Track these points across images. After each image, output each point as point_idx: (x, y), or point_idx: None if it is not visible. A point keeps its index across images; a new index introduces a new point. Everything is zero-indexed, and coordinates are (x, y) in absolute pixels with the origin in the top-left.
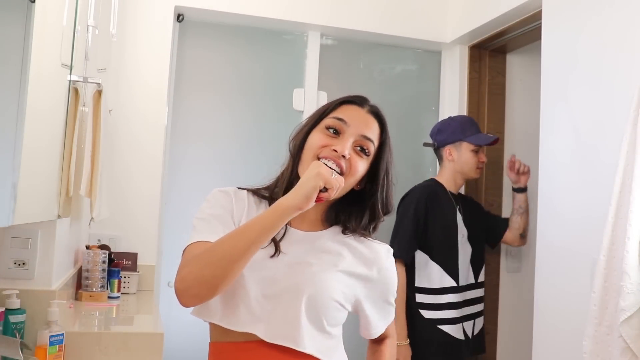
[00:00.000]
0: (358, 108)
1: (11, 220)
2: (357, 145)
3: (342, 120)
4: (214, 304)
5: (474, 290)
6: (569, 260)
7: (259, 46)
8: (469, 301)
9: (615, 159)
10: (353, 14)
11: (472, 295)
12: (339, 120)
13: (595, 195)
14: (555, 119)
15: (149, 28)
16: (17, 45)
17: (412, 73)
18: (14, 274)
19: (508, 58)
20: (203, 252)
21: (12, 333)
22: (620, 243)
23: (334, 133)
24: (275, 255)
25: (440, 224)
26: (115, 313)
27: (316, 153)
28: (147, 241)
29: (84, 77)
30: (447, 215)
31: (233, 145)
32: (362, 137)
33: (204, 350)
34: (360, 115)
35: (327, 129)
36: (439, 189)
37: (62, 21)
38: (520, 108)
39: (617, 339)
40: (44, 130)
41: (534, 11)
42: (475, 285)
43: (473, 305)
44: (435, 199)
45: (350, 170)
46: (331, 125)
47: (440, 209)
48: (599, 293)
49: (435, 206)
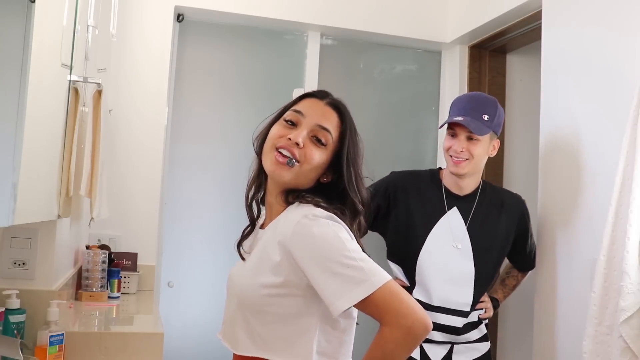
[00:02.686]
0: (317, 100)
1: (11, 220)
2: (313, 135)
3: (299, 112)
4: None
5: (459, 317)
6: (569, 260)
7: (259, 46)
8: (450, 329)
9: (615, 159)
10: (353, 14)
11: (456, 322)
12: (296, 112)
13: (595, 195)
14: (555, 119)
15: (149, 28)
16: (17, 45)
17: (412, 73)
18: (14, 274)
19: (508, 58)
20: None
21: (12, 333)
22: (620, 243)
23: (291, 125)
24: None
25: (407, 222)
26: (115, 313)
27: (274, 143)
28: (147, 241)
29: (84, 77)
30: (427, 214)
31: (233, 145)
32: (317, 127)
33: (204, 350)
34: (317, 106)
35: (285, 122)
36: (431, 182)
37: (62, 21)
38: (521, 108)
39: (617, 339)
40: (44, 130)
41: (534, 11)
42: (463, 312)
43: (455, 333)
44: (411, 191)
45: (305, 158)
46: (288, 118)
47: (419, 204)
48: (599, 293)
49: (407, 198)
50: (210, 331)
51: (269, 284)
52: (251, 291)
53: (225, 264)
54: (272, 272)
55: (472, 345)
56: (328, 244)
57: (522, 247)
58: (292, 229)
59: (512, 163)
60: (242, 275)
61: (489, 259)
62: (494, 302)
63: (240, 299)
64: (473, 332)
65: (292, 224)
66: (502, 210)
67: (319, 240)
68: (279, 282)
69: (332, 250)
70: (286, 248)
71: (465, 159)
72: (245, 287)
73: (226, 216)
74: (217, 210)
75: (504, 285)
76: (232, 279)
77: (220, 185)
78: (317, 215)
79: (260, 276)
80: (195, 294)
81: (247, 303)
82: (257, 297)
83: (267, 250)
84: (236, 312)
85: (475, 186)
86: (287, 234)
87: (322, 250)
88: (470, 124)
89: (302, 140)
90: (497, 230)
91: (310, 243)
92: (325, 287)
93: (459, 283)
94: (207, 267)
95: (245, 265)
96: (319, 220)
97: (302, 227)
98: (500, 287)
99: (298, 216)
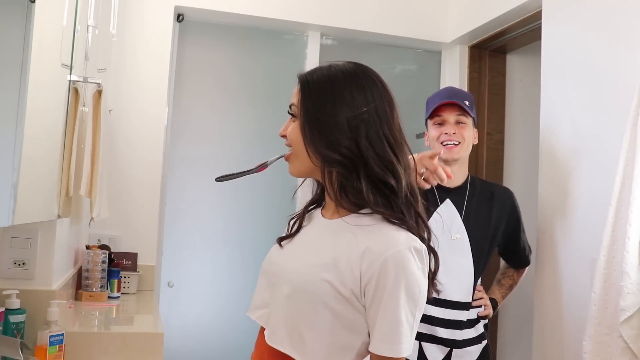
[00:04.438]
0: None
1: (11, 220)
2: (291, 117)
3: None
4: None
5: (462, 310)
6: (569, 260)
7: (259, 46)
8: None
9: (615, 159)
10: (353, 14)
11: (460, 315)
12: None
13: (595, 195)
14: (555, 119)
15: (149, 28)
16: (17, 45)
17: (412, 73)
18: (14, 274)
19: (508, 58)
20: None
21: (12, 333)
22: (620, 243)
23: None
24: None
25: None
26: (115, 313)
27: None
28: (147, 241)
29: (84, 77)
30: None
31: (233, 145)
32: (289, 107)
33: (204, 350)
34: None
35: None
36: None
37: (62, 21)
38: (520, 108)
39: (617, 339)
40: (44, 130)
41: (534, 11)
42: (465, 305)
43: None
44: None
45: (288, 139)
46: None
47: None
48: (599, 293)
49: None
50: (211, 331)
51: (333, 283)
52: (314, 283)
53: (226, 263)
54: (339, 277)
55: (469, 349)
56: (410, 290)
57: (516, 243)
58: (390, 254)
59: (512, 163)
60: (302, 265)
61: (483, 248)
62: (492, 302)
63: (295, 287)
64: (470, 330)
65: (389, 246)
66: (493, 200)
67: (407, 284)
68: (344, 289)
69: (411, 298)
70: (373, 265)
71: (458, 142)
72: (306, 276)
73: (227, 215)
74: (218, 209)
75: (501, 286)
76: (280, 265)
77: (221, 184)
78: (418, 250)
79: (325, 272)
80: (196, 294)
81: (307, 292)
82: (317, 288)
83: (341, 251)
84: (282, 302)
85: (463, 178)
86: (382, 254)
87: (404, 291)
88: (460, 102)
89: (282, 130)
90: (490, 221)
91: (401, 279)
92: (381, 323)
93: (459, 274)
94: (207, 266)
95: (297, 252)
96: (417, 262)
97: (401, 260)
98: (497, 287)
99: (398, 243)
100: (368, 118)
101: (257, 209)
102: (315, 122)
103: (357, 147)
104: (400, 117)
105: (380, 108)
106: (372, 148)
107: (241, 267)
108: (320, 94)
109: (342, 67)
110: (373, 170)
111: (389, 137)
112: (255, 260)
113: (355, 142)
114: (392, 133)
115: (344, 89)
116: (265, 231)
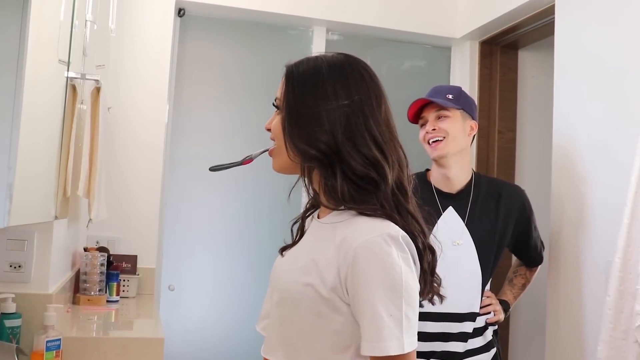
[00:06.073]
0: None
1: (7, 221)
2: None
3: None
4: None
5: (468, 321)
6: (583, 263)
7: (263, 42)
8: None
9: (630, 158)
10: (359, 9)
11: (467, 327)
12: None
13: (610, 195)
14: (569, 117)
15: (149, 23)
16: (13, 41)
17: (421, 69)
18: (10, 277)
19: (520, 54)
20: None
21: (8, 338)
22: (635, 245)
23: None
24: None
25: None
26: (115, 317)
27: None
28: (147, 243)
29: (82, 74)
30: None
31: (236, 143)
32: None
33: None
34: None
35: None
36: (421, 186)
37: (60, 16)
38: (533, 105)
39: (632, 344)
40: (40, 128)
41: (547, 6)
42: (472, 315)
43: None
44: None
45: (272, 132)
46: None
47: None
48: (613, 297)
49: None
50: (212, 336)
51: (314, 286)
52: (295, 288)
53: (229, 266)
54: (320, 278)
55: (477, 359)
56: (389, 278)
57: (527, 241)
58: (360, 242)
59: (524, 161)
60: (286, 271)
61: (489, 253)
62: (504, 304)
63: (281, 295)
64: (477, 339)
65: (359, 235)
66: (500, 201)
67: (383, 272)
68: (324, 291)
69: (390, 289)
70: (347, 257)
71: (442, 137)
72: (288, 283)
73: (229, 217)
74: (220, 210)
75: (512, 286)
76: (276, 272)
77: (223, 185)
78: (392, 236)
79: (305, 276)
80: (197, 298)
81: (291, 298)
82: (299, 293)
83: (320, 249)
84: (275, 311)
85: (466, 180)
86: (353, 244)
87: (379, 281)
88: (432, 98)
89: (267, 123)
90: (496, 224)
91: (373, 268)
92: (362, 319)
93: (465, 284)
94: (209, 269)
95: (287, 258)
96: (392, 248)
97: (372, 247)
98: (509, 287)
99: (370, 231)
100: (348, 112)
101: (260, 210)
102: (295, 115)
103: (335, 141)
104: (390, 111)
105: (366, 101)
106: (351, 142)
107: (244, 269)
108: (303, 86)
109: (329, 58)
110: (350, 166)
111: (374, 131)
112: (258, 262)
113: (333, 136)
114: (379, 127)
115: (327, 81)
116: (268, 233)
